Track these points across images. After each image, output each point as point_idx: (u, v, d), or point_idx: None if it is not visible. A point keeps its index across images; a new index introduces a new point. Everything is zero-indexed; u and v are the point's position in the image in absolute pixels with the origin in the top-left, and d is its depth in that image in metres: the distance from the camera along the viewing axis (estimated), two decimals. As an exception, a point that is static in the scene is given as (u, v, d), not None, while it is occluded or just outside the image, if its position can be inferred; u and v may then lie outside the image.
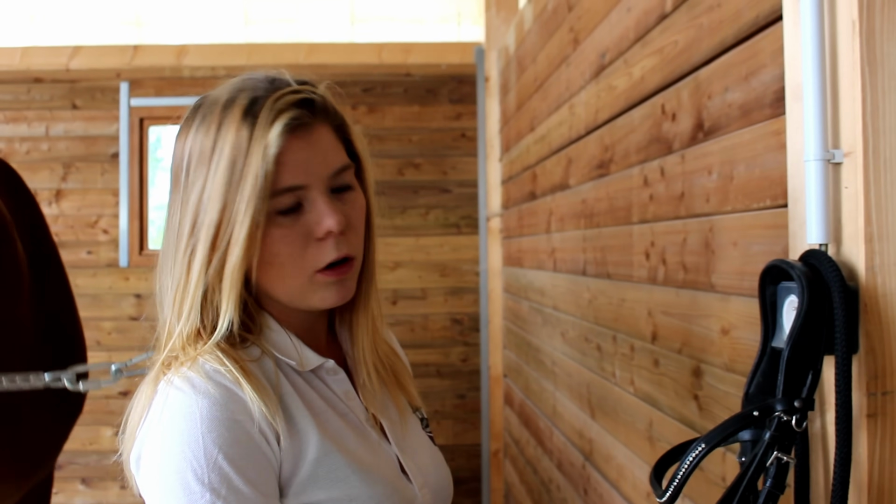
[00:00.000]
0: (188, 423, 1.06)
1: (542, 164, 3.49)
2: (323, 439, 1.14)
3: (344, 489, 1.13)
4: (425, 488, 1.26)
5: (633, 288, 2.24)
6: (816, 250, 1.18)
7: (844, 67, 1.17)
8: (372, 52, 5.20)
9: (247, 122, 1.12)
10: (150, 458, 1.09)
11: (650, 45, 2.09)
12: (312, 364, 1.21)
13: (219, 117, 1.14)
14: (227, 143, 1.12)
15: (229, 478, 1.04)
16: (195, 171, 1.14)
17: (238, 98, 1.15)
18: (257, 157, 1.10)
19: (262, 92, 1.15)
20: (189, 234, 1.13)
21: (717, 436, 1.12)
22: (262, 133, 1.11)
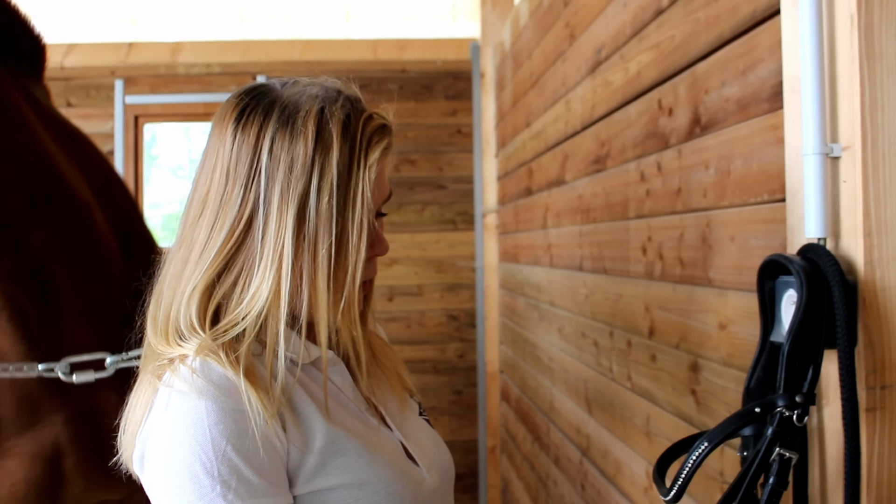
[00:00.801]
0: (194, 416, 1.06)
1: (538, 159, 3.48)
2: (329, 427, 1.14)
3: (353, 475, 1.13)
4: (432, 470, 1.27)
5: (630, 283, 2.24)
6: (815, 244, 1.18)
7: (843, 61, 1.17)
8: (367, 48, 5.19)
9: (346, 140, 1.14)
10: (157, 454, 1.09)
11: (647, 39, 2.09)
12: (313, 356, 1.22)
13: (314, 128, 1.14)
14: (331, 159, 1.13)
15: (239, 469, 1.04)
16: (286, 178, 1.12)
17: (330, 110, 1.16)
18: (365, 179, 1.14)
19: (348, 107, 1.18)
20: (293, 246, 1.12)
21: (721, 433, 1.12)
22: (364, 154, 1.15)
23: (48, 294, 1.65)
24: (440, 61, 5.21)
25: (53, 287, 1.65)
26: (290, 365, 1.19)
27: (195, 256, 1.15)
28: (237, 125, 1.16)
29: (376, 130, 1.18)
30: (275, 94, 1.18)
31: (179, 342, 1.13)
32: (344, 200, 1.12)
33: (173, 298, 1.16)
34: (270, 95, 1.18)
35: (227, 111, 1.18)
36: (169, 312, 1.16)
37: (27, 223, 1.58)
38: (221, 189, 1.15)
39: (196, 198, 1.18)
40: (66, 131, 1.80)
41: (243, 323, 1.13)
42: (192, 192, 1.19)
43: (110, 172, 1.94)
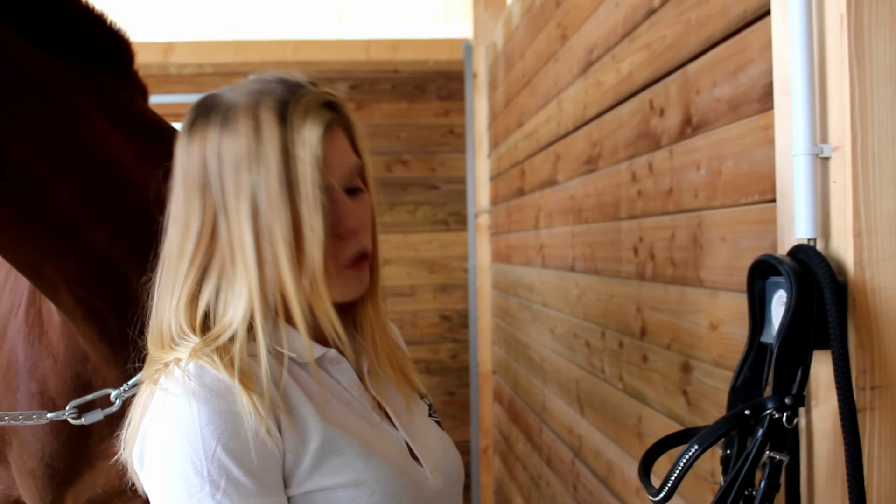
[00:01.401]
0: (186, 416, 1.07)
1: (531, 160, 3.48)
2: (326, 427, 1.14)
3: (350, 475, 1.13)
4: (437, 471, 1.27)
5: (622, 284, 2.24)
6: (805, 245, 1.18)
7: (832, 62, 1.17)
8: (360, 48, 5.18)
9: (282, 124, 1.14)
10: (152, 454, 1.10)
11: (638, 40, 2.09)
12: (314, 354, 1.22)
13: (250, 122, 1.15)
14: (270, 146, 1.13)
15: (228, 469, 1.05)
16: (234, 178, 1.14)
17: (263, 101, 1.16)
18: (305, 157, 1.13)
19: (285, 93, 1.17)
20: (253, 241, 1.13)
21: (711, 436, 1.12)
22: (301, 133, 1.14)
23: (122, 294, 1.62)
24: (433, 61, 5.21)
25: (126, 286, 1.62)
26: (290, 363, 1.19)
27: (172, 271, 1.18)
28: (187, 138, 1.19)
29: (314, 107, 1.17)
30: (217, 100, 1.19)
31: (173, 348, 1.15)
32: (290, 183, 1.12)
33: (164, 311, 1.18)
34: (213, 102, 1.20)
35: (182, 128, 1.22)
36: (161, 324, 1.18)
37: (86, 223, 1.55)
38: (183, 202, 1.18)
39: (168, 213, 1.21)
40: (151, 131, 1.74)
41: (232, 327, 1.14)
42: (167, 209, 1.23)
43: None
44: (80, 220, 1.52)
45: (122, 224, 1.58)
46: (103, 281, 1.59)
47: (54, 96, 1.51)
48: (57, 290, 1.58)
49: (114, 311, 1.62)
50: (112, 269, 1.59)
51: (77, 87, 1.58)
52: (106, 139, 1.59)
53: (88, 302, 1.60)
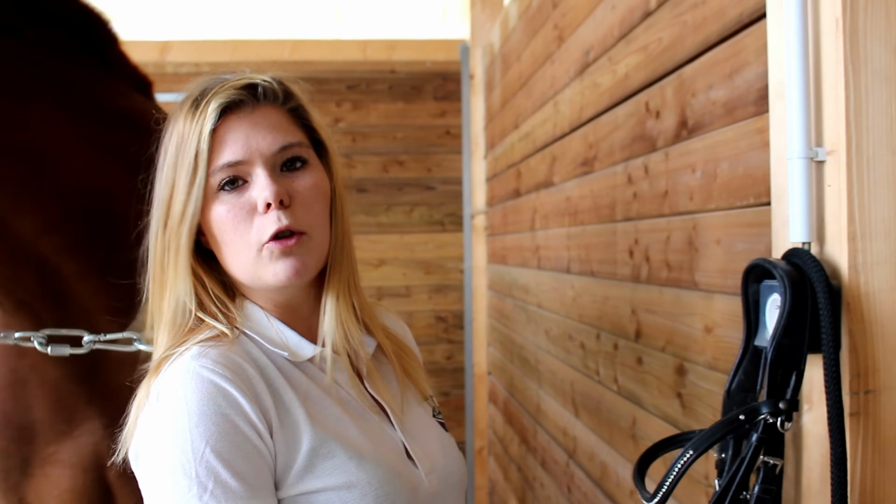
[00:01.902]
0: (177, 418, 1.08)
1: (527, 161, 3.48)
2: (316, 429, 1.14)
3: (341, 477, 1.13)
4: (433, 474, 1.26)
5: (617, 286, 2.24)
6: (799, 249, 1.18)
7: (828, 65, 1.17)
8: (356, 48, 5.18)
9: (192, 109, 1.18)
10: (145, 452, 1.12)
11: (634, 42, 2.09)
12: (306, 355, 1.22)
13: (175, 112, 1.21)
14: (176, 131, 1.19)
15: (216, 471, 1.06)
16: (160, 168, 1.21)
17: (192, 92, 1.21)
18: (194, 136, 1.16)
19: (213, 84, 1.21)
20: (154, 223, 1.20)
21: (705, 442, 1.12)
22: (201, 114, 1.16)
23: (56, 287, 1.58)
24: (429, 62, 5.20)
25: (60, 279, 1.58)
26: (284, 364, 1.20)
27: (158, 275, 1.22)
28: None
29: (225, 90, 1.19)
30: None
31: (169, 348, 1.16)
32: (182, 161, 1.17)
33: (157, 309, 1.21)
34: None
35: None
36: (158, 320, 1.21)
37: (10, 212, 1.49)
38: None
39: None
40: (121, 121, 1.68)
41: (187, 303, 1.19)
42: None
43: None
44: (3, 209, 1.47)
45: (52, 215, 1.52)
46: (32, 274, 1.54)
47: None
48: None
49: (45, 303, 1.58)
50: (42, 262, 1.54)
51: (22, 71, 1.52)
52: (45, 127, 1.53)
53: (16, 294, 1.55)
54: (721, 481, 1.15)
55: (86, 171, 1.57)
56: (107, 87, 1.73)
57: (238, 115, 1.18)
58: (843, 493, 1.10)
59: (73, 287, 1.58)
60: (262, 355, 1.19)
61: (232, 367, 1.12)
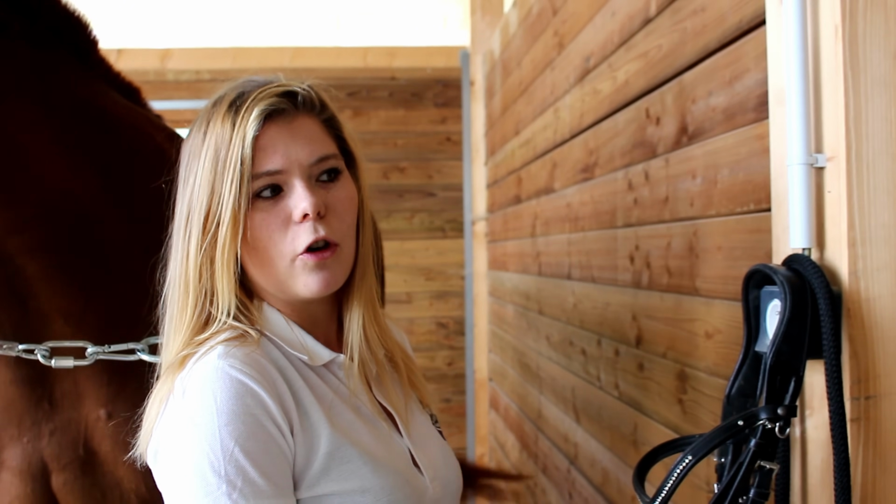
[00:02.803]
0: (206, 417, 1.08)
1: (527, 167, 3.49)
2: (334, 432, 1.16)
3: (356, 481, 1.15)
4: (436, 481, 1.28)
5: (618, 292, 2.24)
6: (800, 255, 1.18)
7: (827, 72, 1.17)
8: (357, 55, 5.19)
9: (230, 113, 1.17)
10: (169, 451, 1.12)
11: (634, 49, 2.09)
12: (324, 359, 1.24)
13: (208, 114, 1.20)
14: (213, 134, 1.17)
15: (245, 470, 1.07)
16: (188, 168, 1.20)
17: (226, 95, 1.20)
18: (237, 142, 1.15)
19: (250, 88, 1.20)
20: (184, 226, 1.18)
21: (704, 447, 1.12)
22: (243, 120, 1.16)
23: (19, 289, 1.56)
24: (430, 69, 5.21)
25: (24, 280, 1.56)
26: (302, 367, 1.21)
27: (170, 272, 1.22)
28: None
29: (265, 96, 1.19)
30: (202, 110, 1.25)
31: (192, 348, 1.17)
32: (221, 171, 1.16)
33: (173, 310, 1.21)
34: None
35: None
36: (174, 322, 1.20)
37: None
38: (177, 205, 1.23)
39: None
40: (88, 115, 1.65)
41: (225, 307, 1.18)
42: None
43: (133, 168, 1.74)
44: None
45: (21, 214, 1.50)
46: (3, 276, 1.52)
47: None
48: None
49: (5, 304, 1.54)
50: (7, 261, 1.51)
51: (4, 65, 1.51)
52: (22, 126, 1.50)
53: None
54: (720, 486, 1.15)
55: (60, 171, 1.55)
56: (89, 89, 1.72)
57: (278, 124, 1.18)
58: (846, 499, 1.10)
59: (33, 288, 1.57)
60: (282, 357, 1.20)
61: (257, 368, 1.13)
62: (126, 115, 1.76)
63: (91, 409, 1.65)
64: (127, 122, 1.73)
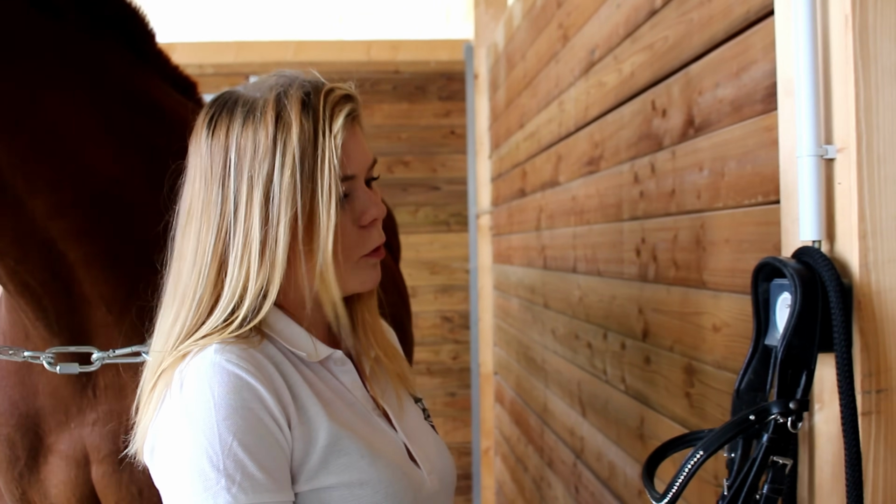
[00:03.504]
0: (203, 411, 1.09)
1: (532, 160, 3.48)
2: (333, 426, 1.16)
3: (355, 474, 1.15)
4: (433, 474, 1.29)
5: (624, 285, 2.23)
6: (810, 247, 1.17)
7: (837, 62, 1.16)
8: (360, 49, 5.17)
9: (306, 112, 1.16)
10: (166, 447, 1.12)
11: (640, 40, 2.08)
12: (322, 355, 1.24)
13: (273, 111, 1.16)
14: (294, 134, 1.15)
15: (244, 464, 1.07)
16: (254, 165, 1.16)
17: (289, 91, 1.18)
18: (329, 147, 1.16)
19: (307, 87, 1.19)
20: (261, 228, 1.15)
21: (715, 443, 1.12)
22: (328, 124, 1.16)
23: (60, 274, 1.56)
24: (433, 62, 5.20)
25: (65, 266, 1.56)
26: (298, 362, 1.21)
27: (188, 265, 1.18)
28: (207, 132, 1.20)
29: (339, 100, 1.20)
30: (237, 95, 1.21)
31: (191, 343, 1.16)
32: (311, 172, 1.15)
33: (180, 306, 1.19)
34: (233, 98, 1.21)
35: (198, 124, 1.23)
36: (177, 319, 1.19)
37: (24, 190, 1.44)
38: (202, 195, 1.19)
39: (181, 210, 1.22)
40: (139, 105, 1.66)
41: (246, 319, 1.16)
42: (179, 206, 1.23)
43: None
44: (18, 186, 1.44)
45: (65, 198, 1.50)
46: (38, 257, 1.51)
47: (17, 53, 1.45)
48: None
49: (49, 290, 1.56)
50: (49, 246, 1.51)
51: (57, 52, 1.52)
52: (70, 112, 1.51)
53: (20, 276, 1.52)
54: (730, 482, 1.14)
55: (105, 159, 1.56)
56: (141, 79, 1.73)
57: (349, 129, 1.20)
58: (858, 494, 1.09)
59: (76, 274, 1.57)
60: (279, 353, 1.20)
61: (253, 363, 1.13)
62: (176, 109, 1.76)
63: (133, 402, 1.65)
64: (176, 115, 1.73)
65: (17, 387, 1.69)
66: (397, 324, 2.48)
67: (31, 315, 1.58)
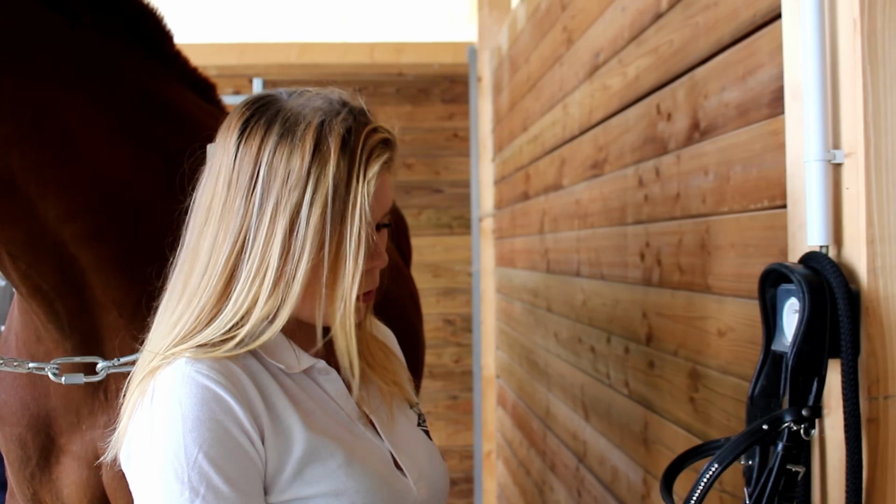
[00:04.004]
0: (171, 422, 1.08)
1: (535, 164, 3.47)
2: (310, 436, 1.15)
3: (330, 484, 1.14)
4: (421, 482, 1.27)
5: (628, 289, 2.23)
6: (817, 252, 1.17)
7: (845, 67, 1.16)
8: (364, 51, 5.17)
9: (346, 153, 1.14)
10: (138, 456, 1.12)
11: (645, 44, 2.08)
12: (304, 365, 1.22)
13: (312, 141, 1.14)
14: (328, 172, 1.13)
15: (209, 476, 1.07)
16: (284, 189, 1.13)
17: (330, 123, 1.15)
18: (362, 192, 1.14)
19: (349, 121, 1.17)
20: (280, 257, 1.13)
21: (730, 454, 1.11)
22: (363, 169, 1.14)
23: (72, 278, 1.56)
24: (437, 65, 5.20)
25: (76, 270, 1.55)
26: (278, 373, 1.19)
27: (201, 267, 1.16)
28: (240, 136, 1.17)
29: (378, 144, 1.17)
30: (278, 106, 1.18)
31: (172, 347, 1.14)
32: (341, 213, 1.13)
33: (185, 308, 1.17)
34: (274, 107, 1.18)
35: (231, 121, 1.19)
36: (178, 320, 1.17)
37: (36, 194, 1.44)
38: (223, 198, 1.16)
39: (201, 205, 1.19)
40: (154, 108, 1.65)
41: (231, 331, 1.14)
42: (198, 199, 1.20)
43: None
44: (30, 190, 1.44)
45: (77, 202, 1.50)
46: (50, 260, 1.51)
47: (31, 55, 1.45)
48: (1, 262, 1.51)
49: (60, 293, 1.56)
50: (61, 250, 1.51)
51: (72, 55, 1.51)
52: (84, 115, 1.50)
53: (32, 279, 1.52)
54: (750, 489, 1.14)
55: (117, 162, 1.55)
56: (157, 81, 1.72)
57: (381, 176, 1.18)
58: (857, 501, 1.09)
59: (88, 278, 1.57)
60: (256, 363, 1.18)
61: (225, 373, 1.12)
62: (192, 111, 1.75)
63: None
64: (192, 117, 1.72)
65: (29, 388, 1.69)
66: (409, 328, 2.46)
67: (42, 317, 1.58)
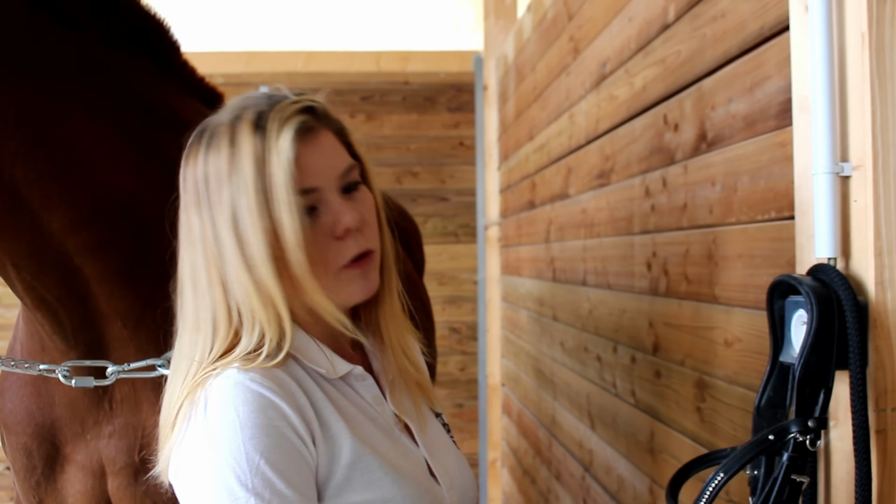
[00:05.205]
0: (229, 431, 1.09)
1: (542, 173, 3.48)
2: (356, 443, 1.17)
3: (377, 492, 1.16)
4: (452, 490, 1.29)
5: (635, 299, 2.23)
6: (825, 265, 1.17)
7: (853, 79, 1.16)
8: (370, 60, 5.19)
9: (258, 133, 1.16)
10: (193, 467, 1.12)
11: (652, 54, 2.08)
12: (341, 371, 1.24)
13: (228, 136, 1.18)
14: (245, 156, 1.16)
15: (272, 482, 1.08)
16: (217, 191, 1.17)
17: (243, 115, 1.19)
18: (277, 163, 1.14)
19: (265, 106, 1.19)
20: (237, 249, 1.15)
21: (736, 464, 1.12)
22: (275, 141, 1.15)
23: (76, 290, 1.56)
24: (443, 73, 5.21)
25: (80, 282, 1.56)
26: (319, 379, 1.22)
27: (191, 292, 1.20)
28: (184, 162, 1.23)
29: (291, 114, 1.18)
30: (206, 123, 1.23)
31: (213, 363, 1.17)
32: (264, 190, 1.14)
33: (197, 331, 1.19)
34: (204, 125, 1.23)
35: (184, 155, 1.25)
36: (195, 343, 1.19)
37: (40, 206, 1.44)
38: (185, 223, 1.22)
39: (181, 237, 1.23)
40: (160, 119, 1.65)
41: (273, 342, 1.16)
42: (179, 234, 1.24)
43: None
44: (34, 201, 1.44)
45: (81, 214, 1.50)
46: (54, 272, 1.51)
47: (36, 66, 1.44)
48: (6, 273, 1.51)
49: (65, 304, 1.56)
50: (65, 261, 1.51)
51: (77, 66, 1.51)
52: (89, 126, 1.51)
53: (36, 290, 1.53)
54: (755, 499, 1.14)
55: (121, 174, 1.55)
56: (163, 92, 1.72)
57: (304, 141, 1.18)
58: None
59: (92, 289, 1.58)
60: (300, 370, 1.20)
61: (276, 381, 1.14)
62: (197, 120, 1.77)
63: (149, 416, 1.63)
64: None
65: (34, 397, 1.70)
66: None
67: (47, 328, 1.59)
